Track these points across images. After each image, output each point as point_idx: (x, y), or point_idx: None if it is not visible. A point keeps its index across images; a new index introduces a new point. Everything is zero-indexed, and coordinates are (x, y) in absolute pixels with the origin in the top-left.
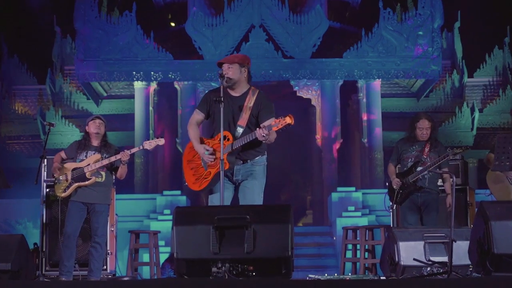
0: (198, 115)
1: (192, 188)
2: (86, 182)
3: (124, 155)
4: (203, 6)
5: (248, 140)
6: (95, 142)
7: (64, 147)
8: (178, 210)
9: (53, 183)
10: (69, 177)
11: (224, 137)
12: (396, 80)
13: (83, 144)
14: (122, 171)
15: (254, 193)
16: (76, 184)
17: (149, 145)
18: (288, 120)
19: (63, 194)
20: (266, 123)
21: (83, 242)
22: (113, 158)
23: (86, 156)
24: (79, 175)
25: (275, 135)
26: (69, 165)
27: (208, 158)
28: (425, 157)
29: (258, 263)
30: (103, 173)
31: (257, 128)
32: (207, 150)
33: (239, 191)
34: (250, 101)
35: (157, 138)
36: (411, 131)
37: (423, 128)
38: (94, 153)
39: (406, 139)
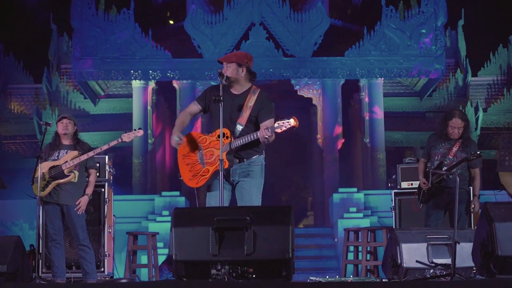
0: (194, 106)
1: (188, 184)
2: (65, 179)
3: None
4: (202, 4)
5: (249, 140)
6: (66, 141)
7: None
8: (176, 211)
9: (31, 183)
10: (47, 176)
11: (223, 134)
12: (398, 79)
13: (54, 145)
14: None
15: (252, 194)
16: (55, 181)
17: (128, 137)
18: (293, 122)
19: (42, 193)
20: (268, 123)
21: None
22: (91, 153)
23: (58, 156)
24: (57, 173)
25: (274, 136)
26: (45, 164)
27: (176, 144)
28: (451, 157)
29: (258, 265)
30: (76, 172)
31: (260, 129)
32: (180, 138)
33: (236, 192)
34: (250, 100)
35: (135, 130)
36: (443, 128)
37: (455, 127)
38: (67, 152)
39: (438, 134)
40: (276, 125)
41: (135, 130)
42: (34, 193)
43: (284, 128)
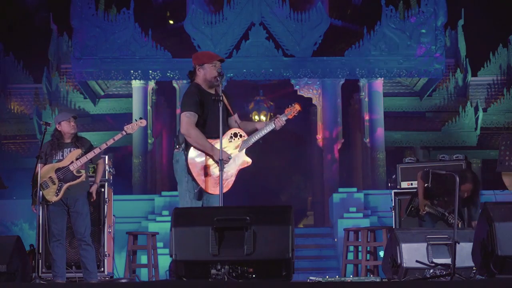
0: (196, 117)
1: (215, 193)
2: (77, 180)
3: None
4: (202, 4)
5: (267, 132)
6: (68, 140)
7: None
8: (176, 211)
9: (40, 189)
10: (56, 179)
11: (236, 134)
12: (398, 79)
13: (56, 144)
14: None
15: None
16: (67, 184)
17: (131, 128)
18: (298, 107)
19: (56, 198)
20: (237, 117)
21: None
22: (97, 150)
23: (63, 155)
24: (66, 175)
25: None
26: (49, 167)
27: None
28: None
29: (258, 265)
30: (82, 171)
31: (275, 119)
32: (229, 154)
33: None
34: (223, 98)
35: (137, 120)
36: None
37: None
38: (70, 150)
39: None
40: (286, 112)
41: (136, 120)
42: (47, 199)
43: (293, 114)
